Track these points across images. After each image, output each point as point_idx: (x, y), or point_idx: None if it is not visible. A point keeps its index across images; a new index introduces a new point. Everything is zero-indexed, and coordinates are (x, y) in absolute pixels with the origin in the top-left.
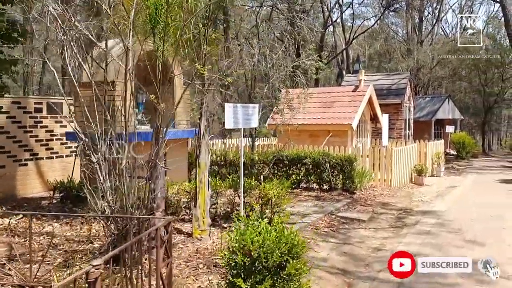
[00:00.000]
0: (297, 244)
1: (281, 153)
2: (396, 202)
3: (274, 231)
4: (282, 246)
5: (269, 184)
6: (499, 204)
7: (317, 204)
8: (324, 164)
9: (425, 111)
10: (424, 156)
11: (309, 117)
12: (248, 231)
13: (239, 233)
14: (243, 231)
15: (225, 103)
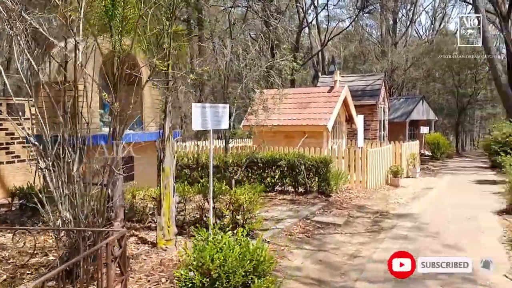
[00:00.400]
0: (264, 260)
1: (255, 155)
2: (372, 205)
3: (238, 246)
4: (247, 264)
5: (241, 189)
6: (473, 205)
7: (292, 208)
8: (299, 166)
9: (399, 112)
10: (400, 157)
11: (284, 118)
12: (208, 247)
13: (198, 250)
14: (201, 247)
15: (193, 103)
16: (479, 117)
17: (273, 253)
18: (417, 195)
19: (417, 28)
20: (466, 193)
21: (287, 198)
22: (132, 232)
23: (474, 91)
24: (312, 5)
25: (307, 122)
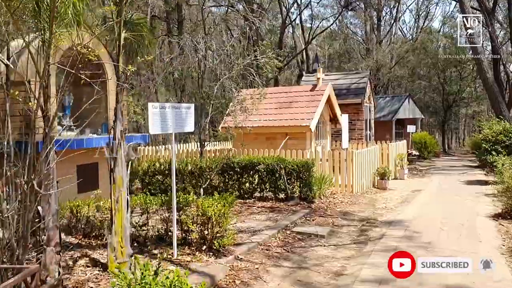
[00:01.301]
0: None
1: (232, 160)
2: (359, 211)
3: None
4: None
5: (209, 199)
6: (466, 208)
7: (271, 217)
8: (279, 170)
9: (385, 111)
10: (387, 158)
11: (265, 119)
12: None
13: None
14: None
15: (149, 103)
16: (464, 115)
17: (245, 273)
18: (406, 199)
19: (401, 26)
20: (458, 196)
21: (266, 205)
22: (86, 251)
23: (460, 89)
24: (295, 3)
25: (289, 123)
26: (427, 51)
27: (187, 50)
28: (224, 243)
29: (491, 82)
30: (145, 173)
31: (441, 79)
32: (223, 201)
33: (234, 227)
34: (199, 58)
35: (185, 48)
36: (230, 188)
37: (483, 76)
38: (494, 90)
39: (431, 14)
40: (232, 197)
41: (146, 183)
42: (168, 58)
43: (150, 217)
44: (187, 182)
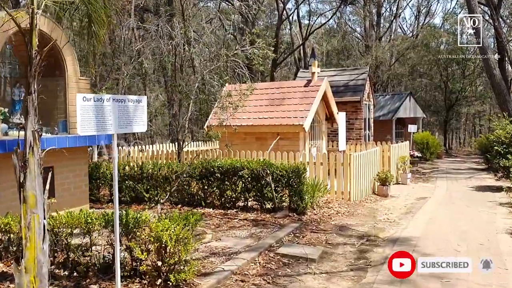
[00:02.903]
0: None
1: (212, 164)
2: (357, 224)
3: None
4: None
5: (164, 220)
6: (482, 223)
7: (253, 233)
8: (265, 177)
9: (385, 109)
10: (388, 161)
11: (255, 117)
12: None
13: None
14: None
15: (78, 93)
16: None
17: None
18: (411, 209)
19: (401, 23)
20: (469, 205)
21: (249, 217)
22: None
23: (463, 87)
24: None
25: (280, 122)
26: (429, 47)
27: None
28: (182, 277)
29: (499, 79)
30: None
31: (443, 76)
32: (183, 222)
33: (207, 247)
34: (173, 46)
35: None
36: (209, 196)
37: (490, 72)
38: (501, 87)
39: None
40: (196, 216)
41: None
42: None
43: (94, 240)
44: (160, 189)
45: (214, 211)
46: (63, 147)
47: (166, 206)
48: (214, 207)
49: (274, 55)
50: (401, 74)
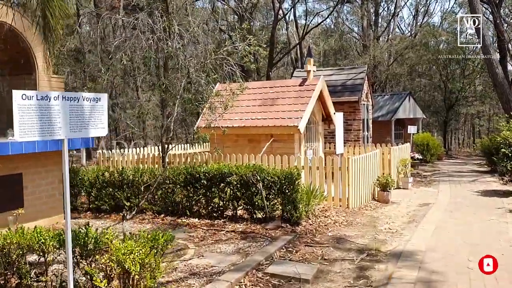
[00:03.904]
0: None
1: (197, 169)
2: (356, 236)
3: None
4: None
5: (128, 242)
6: (495, 233)
7: (241, 248)
8: (256, 183)
9: (384, 110)
10: (388, 164)
11: (247, 118)
12: None
13: None
14: None
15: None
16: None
17: None
18: (414, 217)
19: (399, 23)
20: (476, 213)
21: (238, 229)
22: None
23: (463, 86)
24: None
25: (274, 123)
26: (428, 46)
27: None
28: None
29: (501, 78)
30: (92, 185)
31: (443, 76)
32: (150, 244)
33: (187, 266)
34: (154, 41)
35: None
36: (195, 205)
37: (493, 71)
38: (504, 86)
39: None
40: (166, 236)
41: (94, 197)
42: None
43: (49, 263)
44: (141, 197)
45: (200, 221)
46: (32, 152)
47: (148, 216)
48: (200, 216)
49: (266, 52)
50: (399, 74)
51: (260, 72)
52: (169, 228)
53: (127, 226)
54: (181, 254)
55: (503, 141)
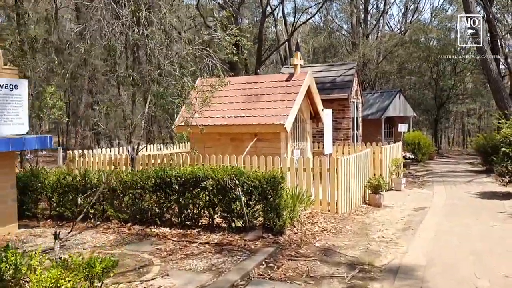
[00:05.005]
0: None
1: (168, 173)
2: (346, 246)
3: None
4: None
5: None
6: (500, 242)
7: (214, 265)
8: (234, 188)
9: (374, 108)
10: (380, 165)
11: (230, 116)
12: None
13: None
14: None
15: None
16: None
17: None
18: (409, 223)
19: (388, 21)
20: (477, 218)
21: (213, 240)
22: None
23: (455, 84)
24: None
25: (258, 121)
26: (418, 43)
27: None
28: None
29: (495, 74)
30: (53, 190)
31: (433, 73)
32: (83, 273)
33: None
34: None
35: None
36: (166, 212)
37: (487, 68)
38: (499, 83)
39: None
40: (106, 262)
41: (55, 203)
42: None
43: None
44: (107, 203)
45: (171, 231)
46: None
47: (113, 224)
48: (172, 225)
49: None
50: (389, 72)
51: (249, 70)
52: (135, 239)
53: (89, 237)
54: (143, 272)
55: (503, 140)
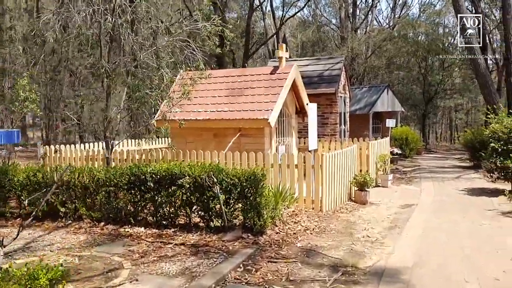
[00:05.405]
0: None
1: (143, 170)
2: (330, 247)
3: None
4: None
5: None
6: (490, 242)
7: (188, 268)
8: (212, 186)
9: (362, 103)
10: (367, 160)
11: (212, 110)
12: None
13: None
14: None
15: None
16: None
17: None
18: (395, 222)
19: (377, 15)
20: (466, 216)
21: (190, 240)
22: None
23: (443, 79)
24: None
25: (242, 115)
26: (406, 38)
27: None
28: None
29: (483, 68)
30: (23, 187)
31: (422, 68)
32: (25, 286)
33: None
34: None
35: None
36: (141, 211)
37: (475, 62)
38: (487, 77)
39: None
40: (53, 273)
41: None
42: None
43: None
44: (79, 201)
45: (146, 231)
46: None
47: (86, 224)
48: (147, 225)
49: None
50: (377, 67)
51: (237, 64)
52: (107, 239)
53: (58, 237)
54: (110, 277)
55: (492, 135)
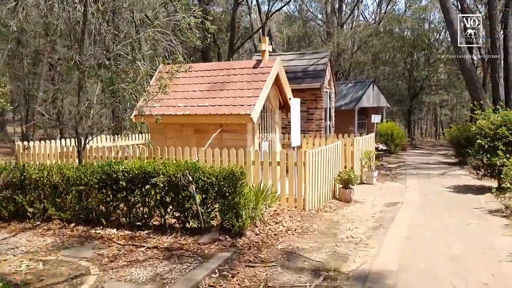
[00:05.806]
0: None
1: (115, 168)
2: (312, 249)
3: None
4: None
5: None
6: (477, 242)
7: (159, 274)
8: (188, 185)
9: (347, 98)
10: (351, 157)
11: (193, 105)
12: None
13: None
14: None
15: None
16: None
17: None
18: (380, 221)
19: (363, 11)
20: (453, 215)
21: (163, 243)
22: None
23: (428, 75)
24: None
25: (223, 110)
26: (392, 33)
27: None
28: None
29: (469, 64)
30: None
31: (407, 64)
32: None
33: None
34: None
35: None
36: (113, 212)
37: (460, 57)
38: (472, 73)
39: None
40: None
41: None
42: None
43: None
44: (48, 201)
45: (118, 233)
46: None
47: (55, 225)
48: (120, 226)
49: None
50: (363, 62)
51: (222, 58)
52: (76, 242)
53: (24, 240)
54: (75, 284)
55: (479, 131)
